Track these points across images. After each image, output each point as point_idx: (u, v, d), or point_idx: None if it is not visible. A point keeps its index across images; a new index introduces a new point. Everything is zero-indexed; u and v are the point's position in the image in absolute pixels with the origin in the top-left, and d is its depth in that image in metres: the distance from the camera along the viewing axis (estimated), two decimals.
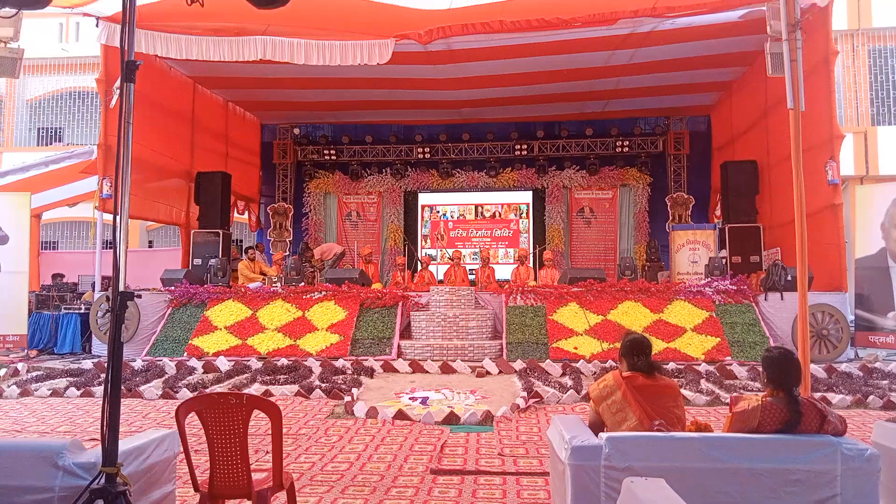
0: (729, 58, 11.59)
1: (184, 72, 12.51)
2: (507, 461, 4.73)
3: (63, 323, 10.83)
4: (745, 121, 12.62)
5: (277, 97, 13.93)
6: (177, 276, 10.83)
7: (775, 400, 2.96)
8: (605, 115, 14.79)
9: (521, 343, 9.38)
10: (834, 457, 2.82)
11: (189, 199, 13.06)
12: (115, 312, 2.32)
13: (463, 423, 5.91)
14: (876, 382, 7.57)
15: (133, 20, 2.42)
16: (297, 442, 5.33)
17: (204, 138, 13.50)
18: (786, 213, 10.40)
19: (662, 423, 3.16)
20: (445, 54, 10.96)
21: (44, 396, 7.41)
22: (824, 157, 9.43)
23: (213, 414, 3.01)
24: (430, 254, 14.87)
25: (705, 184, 14.69)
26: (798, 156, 5.23)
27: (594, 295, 9.99)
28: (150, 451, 3.01)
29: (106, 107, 10.46)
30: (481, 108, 14.21)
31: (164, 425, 6.01)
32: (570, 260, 14.91)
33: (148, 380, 7.96)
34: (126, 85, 2.38)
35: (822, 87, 9.43)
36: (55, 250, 18.89)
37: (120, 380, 2.42)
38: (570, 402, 6.84)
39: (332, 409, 6.60)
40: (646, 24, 9.91)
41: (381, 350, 9.41)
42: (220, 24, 9.50)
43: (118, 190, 2.40)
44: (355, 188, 15.75)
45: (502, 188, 15.40)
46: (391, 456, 4.90)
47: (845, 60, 15.83)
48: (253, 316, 10.06)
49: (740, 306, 9.63)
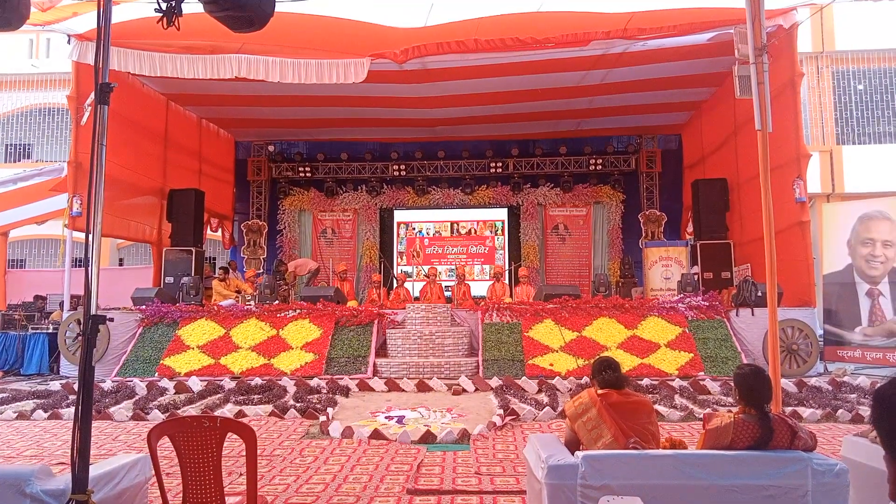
0: (699, 78, 11.85)
1: (157, 89, 12.42)
2: (483, 480, 4.71)
3: (30, 343, 10.59)
4: (715, 140, 12.88)
5: (252, 114, 13.87)
6: (148, 295, 10.66)
7: (747, 417, 3.00)
8: (579, 134, 14.99)
9: (497, 360, 9.38)
10: (805, 472, 2.87)
11: (161, 216, 12.90)
12: (86, 336, 2.28)
13: (439, 442, 5.88)
14: (845, 396, 7.70)
15: (108, 42, 2.40)
16: (272, 463, 5.25)
17: (177, 155, 13.38)
18: (755, 230, 10.57)
19: (638, 441, 3.19)
20: (421, 73, 11.03)
21: (9, 419, 7.21)
22: (792, 175, 9.65)
23: (186, 437, 2.96)
24: (405, 271, 14.86)
25: (677, 201, 14.94)
26: (766, 175, 5.35)
27: (569, 311, 10.05)
28: (121, 477, 2.95)
29: (77, 124, 10.32)
30: (456, 125, 14.32)
31: (134, 448, 5.90)
32: (545, 276, 15.00)
33: (118, 401, 7.80)
34: (100, 107, 2.36)
35: (788, 108, 9.68)
36: (22, 268, 18.49)
37: (91, 405, 2.38)
38: (546, 419, 6.85)
39: (307, 429, 6.53)
40: (618, 46, 10.10)
41: (356, 368, 9.34)
42: (194, 41, 9.46)
43: (90, 213, 2.38)
44: (330, 205, 15.70)
45: (478, 205, 15.48)
46: (367, 476, 4.85)
47: (810, 82, 16.27)
48: (226, 335, 9.93)
49: (712, 322, 9.76)
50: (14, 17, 2.60)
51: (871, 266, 10.16)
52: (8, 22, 2.64)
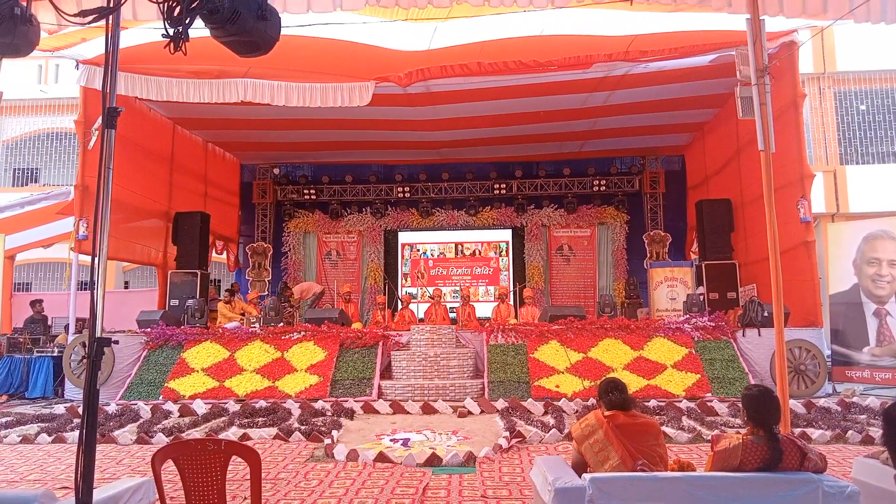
0: (701, 100, 11.91)
1: (163, 113, 12.54)
2: (490, 503, 4.66)
3: (35, 366, 10.57)
4: (718, 160, 12.91)
5: (257, 138, 13.99)
6: (153, 318, 10.66)
7: (756, 438, 2.97)
8: (582, 155, 15.05)
9: (502, 382, 9.33)
10: (815, 494, 2.83)
11: (167, 239, 12.96)
12: (91, 358, 2.28)
13: (445, 465, 5.83)
14: (854, 417, 7.62)
15: (116, 67, 2.44)
16: (276, 487, 5.21)
17: (183, 178, 13.47)
18: (761, 251, 10.55)
19: (645, 463, 3.16)
20: (425, 96, 11.13)
21: (13, 443, 7.18)
22: (796, 195, 9.65)
23: (191, 461, 2.95)
24: (410, 292, 14.83)
25: (681, 222, 14.93)
26: (770, 195, 5.35)
27: (574, 333, 10.00)
28: (125, 500, 2.94)
29: (84, 148, 10.42)
30: (460, 148, 14.40)
31: (138, 472, 5.86)
32: (550, 297, 14.96)
33: (122, 424, 7.76)
34: (107, 131, 2.39)
35: (791, 129, 9.71)
36: (28, 291, 18.53)
37: (96, 428, 2.37)
38: (552, 442, 6.78)
39: (312, 451, 6.48)
40: (620, 68, 10.18)
41: (361, 391, 9.29)
42: (201, 66, 9.58)
43: (97, 235, 2.39)
44: (335, 227, 15.75)
45: (482, 227, 15.51)
46: (372, 500, 4.81)
47: (812, 103, 16.33)
48: (231, 357, 9.91)
49: (719, 342, 9.69)
50: (24, 44, 2.64)
51: (877, 286, 10.10)
52: (18, 49, 2.68)
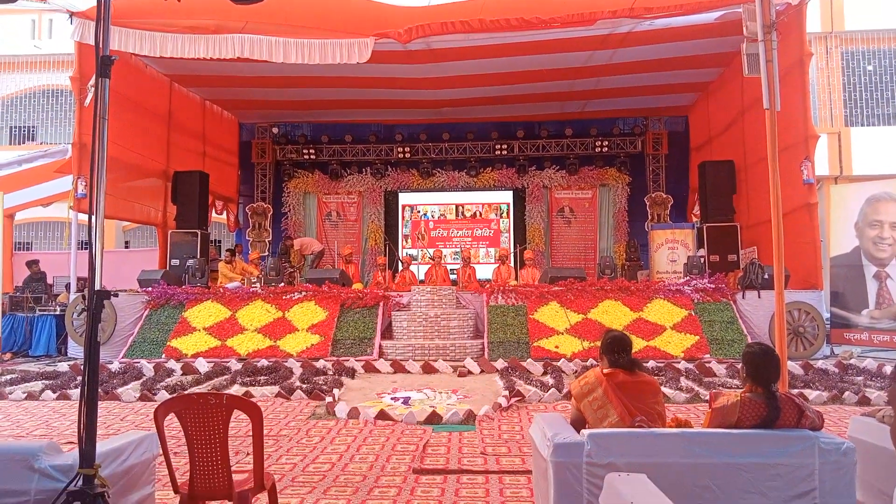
0: (706, 59, 11.72)
1: (160, 70, 12.35)
2: (489, 460, 4.73)
3: (38, 325, 10.64)
4: (721, 121, 12.77)
5: (256, 96, 13.80)
6: (154, 277, 10.68)
7: (754, 395, 2.98)
8: (585, 116, 14.88)
9: (502, 342, 9.40)
10: (812, 451, 2.85)
11: (166, 198, 12.90)
12: (91, 311, 2.28)
13: (445, 423, 5.90)
14: (851, 379, 7.69)
15: (108, 15, 2.37)
16: (279, 443, 5.28)
17: (181, 137, 13.34)
18: (762, 213, 10.53)
19: (643, 420, 3.18)
20: (425, 53, 10.94)
21: (18, 400, 7.27)
22: (799, 157, 9.57)
23: (193, 414, 2.97)
24: (410, 254, 14.84)
25: (683, 183, 14.85)
26: (774, 154, 5.30)
27: (574, 294, 10.03)
28: (128, 453, 2.96)
29: (80, 105, 10.29)
30: (461, 107, 14.22)
31: (142, 428, 5.92)
32: (551, 259, 14.97)
33: (125, 382, 7.84)
34: (101, 81, 2.34)
35: (796, 89, 9.58)
36: (29, 251, 18.55)
37: (97, 379, 2.38)
38: (551, 401, 6.86)
39: (314, 409, 6.56)
40: (624, 25, 9.98)
41: (362, 350, 9.37)
42: (197, 21, 9.40)
43: (94, 186, 2.36)
44: (335, 188, 15.67)
45: (483, 188, 15.42)
46: (373, 456, 4.87)
47: (819, 63, 16.09)
48: (232, 317, 9.96)
49: (718, 304, 9.73)
50: None
51: (878, 248, 10.10)
52: None
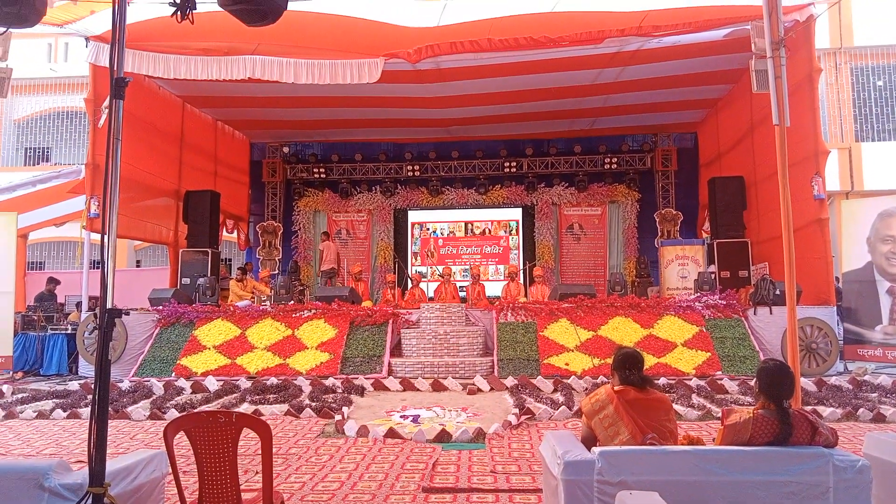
0: (715, 76, 11.74)
1: (173, 91, 12.52)
2: (499, 478, 4.68)
3: (49, 344, 10.70)
4: (731, 137, 12.76)
5: (267, 116, 13.95)
6: (165, 296, 10.74)
7: (766, 412, 2.96)
8: (594, 133, 14.92)
9: (512, 360, 9.35)
10: (826, 468, 2.82)
11: (177, 217, 13.00)
12: (102, 330, 2.29)
13: (455, 441, 5.86)
14: (865, 395, 7.59)
15: (123, 38, 2.42)
16: (288, 462, 5.26)
17: (193, 157, 13.48)
18: (773, 228, 10.47)
19: (654, 437, 3.15)
20: (434, 73, 11.03)
21: (29, 419, 7.29)
22: (810, 172, 9.53)
23: (202, 433, 2.97)
24: (420, 271, 14.85)
25: (693, 200, 14.81)
26: (784, 170, 5.28)
27: (584, 311, 9.99)
28: (137, 472, 2.96)
29: (94, 126, 10.44)
30: (470, 125, 14.30)
31: (152, 446, 5.92)
32: (560, 276, 14.93)
33: (135, 400, 7.85)
34: (115, 102, 2.38)
35: (806, 104, 9.56)
36: (41, 270, 18.71)
37: (108, 397, 2.39)
38: (561, 419, 6.80)
39: (323, 428, 6.53)
40: (632, 43, 10.03)
41: (371, 368, 9.35)
42: (209, 43, 9.53)
43: (107, 205, 2.39)
44: (345, 206, 15.75)
45: (492, 205, 15.45)
46: (382, 475, 4.85)
47: (828, 78, 16.08)
48: (242, 335, 9.98)
49: (730, 321, 9.66)
50: (30, 14, 2.62)
51: (891, 263, 10.00)
52: (24, 18, 2.66)
